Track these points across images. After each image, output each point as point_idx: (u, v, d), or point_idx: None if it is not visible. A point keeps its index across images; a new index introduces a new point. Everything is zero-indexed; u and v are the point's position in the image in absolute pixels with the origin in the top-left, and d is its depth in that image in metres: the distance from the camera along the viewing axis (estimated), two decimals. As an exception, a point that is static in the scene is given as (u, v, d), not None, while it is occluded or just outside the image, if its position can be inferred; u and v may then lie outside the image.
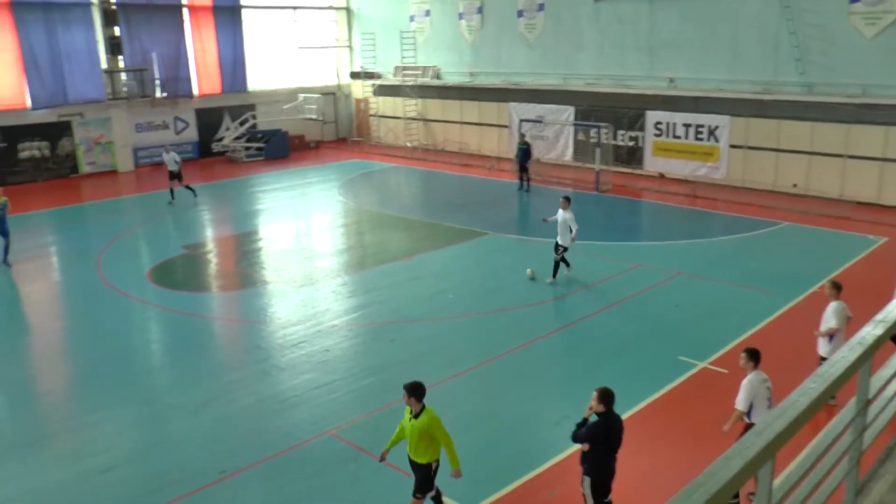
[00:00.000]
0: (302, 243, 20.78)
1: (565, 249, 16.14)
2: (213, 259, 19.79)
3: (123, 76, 31.93)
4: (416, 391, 7.86)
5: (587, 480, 7.76)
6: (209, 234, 22.72)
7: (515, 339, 13.70)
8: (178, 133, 33.88)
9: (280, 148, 34.60)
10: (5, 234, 18.84)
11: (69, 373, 13.37)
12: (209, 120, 34.67)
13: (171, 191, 25.44)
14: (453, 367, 12.50)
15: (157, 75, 32.75)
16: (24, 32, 28.86)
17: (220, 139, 34.71)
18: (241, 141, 34.16)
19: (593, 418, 7.66)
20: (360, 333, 14.19)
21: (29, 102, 29.45)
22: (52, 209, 25.87)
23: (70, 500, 9.26)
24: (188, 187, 25.59)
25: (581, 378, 12.04)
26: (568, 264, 16.48)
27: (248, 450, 10.15)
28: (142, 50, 32.07)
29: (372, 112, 38.59)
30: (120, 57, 31.75)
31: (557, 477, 9.36)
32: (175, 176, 25.15)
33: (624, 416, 7.87)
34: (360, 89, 39.13)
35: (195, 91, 33.98)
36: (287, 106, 35.35)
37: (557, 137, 30.37)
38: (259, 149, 34.13)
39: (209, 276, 18.52)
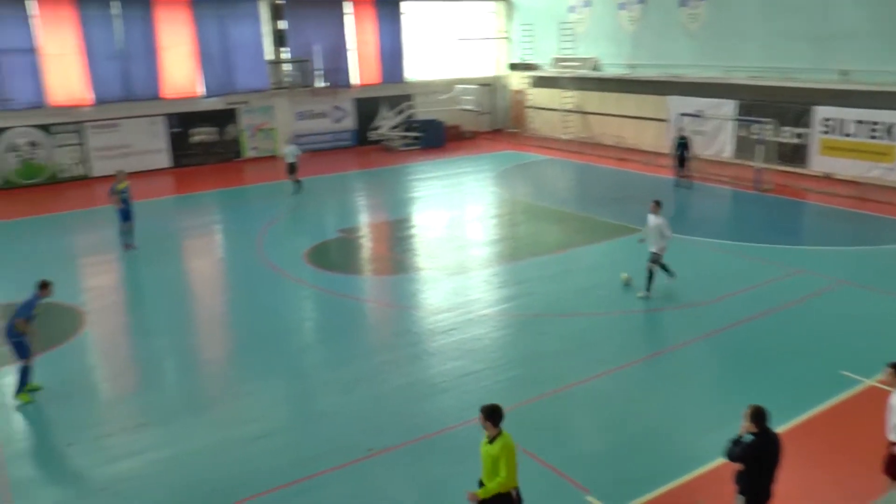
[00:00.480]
0: (455, 232, 20.81)
1: (658, 257, 14.85)
2: (367, 243, 20.17)
3: (287, 67, 33.24)
4: (492, 415, 7.10)
5: (741, 500, 7.19)
6: (364, 219, 23.22)
7: (665, 340, 13.09)
8: (336, 122, 34.92)
9: (436, 138, 34.94)
10: (129, 218, 19.53)
11: (230, 344, 13.98)
12: (367, 109, 35.52)
13: (295, 182, 25.83)
14: (601, 364, 12.04)
15: (318, 66, 33.90)
16: (201, 27, 30.75)
17: (377, 128, 35.49)
18: (398, 130, 34.77)
19: (748, 437, 7.05)
20: (510, 324, 13.96)
21: (201, 91, 31.35)
22: (218, 190, 27.29)
23: (227, 463, 9.59)
24: (297, 181, 25.81)
25: (732, 387, 11.30)
26: (669, 272, 15.12)
27: (395, 430, 10.17)
28: (305, 42, 33.29)
29: (528, 103, 38.28)
30: (284, 49, 33.07)
31: (704, 487, 8.78)
32: (292, 169, 25.62)
33: (778, 431, 7.20)
34: (518, 80, 38.92)
35: (354, 81, 34.89)
36: (444, 96, 35.67)
37: (717, 133, 28.92)
38: (415, 138, 34.62)
39: (363, 260, 18.87)
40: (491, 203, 24.08)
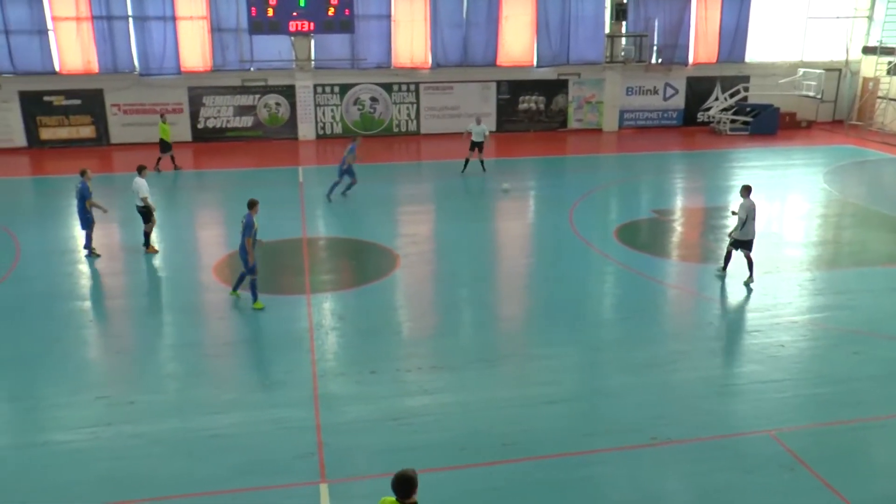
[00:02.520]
0: (772, 227, 19.53)
1: (739, 243, 14.92)
2: (679, 227, 19.68)
3: (623, 41, 33.01)
4: (401, 485, 5.76)
5: None
6: (680, 202, 22.63)
7: None
8: (665, 99, 34.10)
9: (767, 124, 32.72)
10: (351, 175, 21.22)
11: (528, 305, 14.56)
12: (699, 89, 34.19)
13: (466, 161, 24.83)
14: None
15: (655, 41, 33.24)
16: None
17: (707, 109, 34.09)
18: (728, 113, 33.11)
19: None
20: (821, 336, 12.89)
21: (535, 61, 32.31)
22: (538, 157, 28.19)
23: (511, 419, 10.10)
24: (482, 162, 24.89)
25: None
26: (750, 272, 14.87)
27: (681, 424, 10.00)
28: (645, 16, 32.76)
29: (881, 94, 34.27)
30: (623, 22, 32.81)
31: None
32: (476, 146, 24.61)
33: None
34: (871, 67, 34.92)
35: (690, 59, 33.73)
36: (783, 80, 33.16)
37: None
38: (745, 123, 32.74)
39: (673, 244, 18.48)
40: (817, 201, 22.14)
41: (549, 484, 8.78)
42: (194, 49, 30.01)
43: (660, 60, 33.49)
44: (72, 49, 29.28)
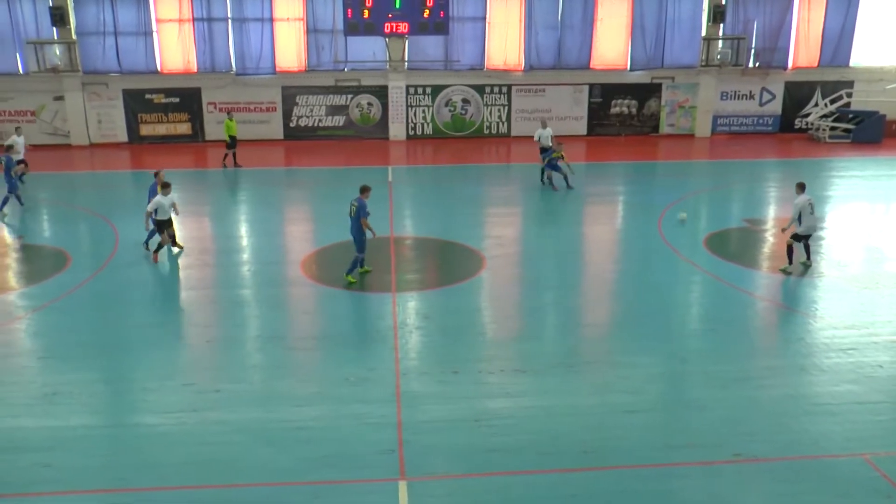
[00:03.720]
0: (874, 241, 18.67)
1: (800, 237, 15.66)
2: (771, 238, 19.02)
3: (720, 44, 32.14)
4: None
5: None
6: (773, 211, 21.86)
7: None
8: (761, 105, 33.06)
9: (872, 132, 31.27)
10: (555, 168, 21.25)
11: (614, 311, 14.38)
12: (798, 94, 33.01)
13: (543, 170, 23.84)
14: None
15: (753, 44, 32.26)
16: (639, 1, 31.04)
17: (806, 115, 32.89)
18: (829, 120, 31.85)
19: None
20: (925, 357, 12.26)
21: (628, 64, 31.87)
22: (630, 162, 27.78)
23: (594, 427, 9.98)
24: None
25: None
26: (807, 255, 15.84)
27: (767, 441, 9.65)
28: (744, 18, 31.85)
29: None
30: (720, 25, 31.95)
31: None
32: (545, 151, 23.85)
33: None
34: None
35: (789, 63, 32.59)
36: (891, 86, 31.71)
37: None
38: (846, 130, 31.42)
39: (763, 255, 17.88)
40: (926, 215, 21.08)
41: (627, 494, 8.63)
42: (290, 49, 30.83)
43: (757, 64, 32.49)
44: (173, 49, 30.58)
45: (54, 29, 30.04)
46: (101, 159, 28.10)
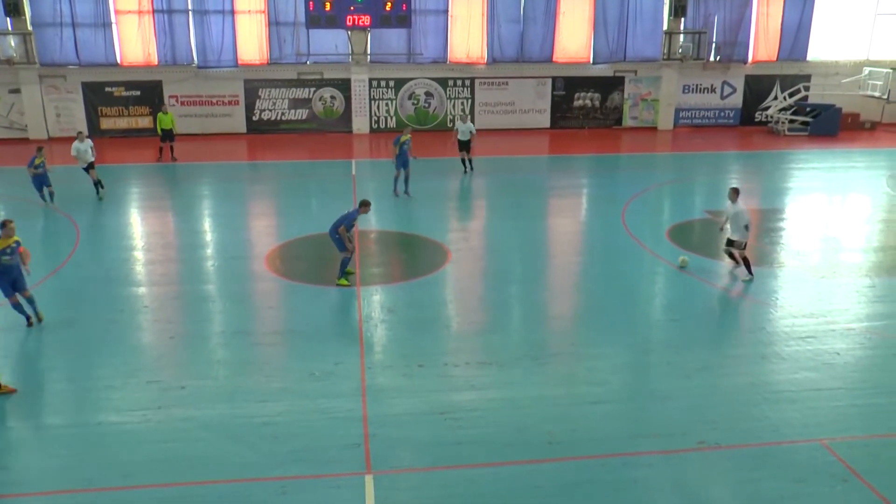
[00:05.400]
0: (831, 231, 19.06)
1: (735, 244, 15.11)
2: (732, 229, 19.33)
3: (681, 38, 32.52)
4: None
5: None
6: (733, 203, 22.19)
7: None
8: (723, 98, 33.55)
9: (828, 125, 31.90)
10: (406, 167, 21.04)
11: (578, 303, 14.50)
12: (757, 87, 33.58)
13: (463, 161, 24.59)
14: None
15: (714, 38, 32.68)
16: (602, -7, 31.28)
17: (766, 109, 33.43)
18: (787, 113, 32.40)
19: None
20: (879, 346, 12.52)
21: (591, 57, 32.05)
22: (592, 155, 27.99)
23: (560, 418, 10.05)
24: (469, 161, 24.48)
25: None
26: (748, 268, 15.12)
27: (730, 429, 9.83)
28: (705, 12, 32.26)
29: (951, 96, 33.13)
30: (682, 19, 32.31)
31: None
32: (463, 145, 24.26)
33: None
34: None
35: (749, 57, 33.08)
36: (846, 80, 32.35)
37: None
38: (804, 123, 32.01)
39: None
40: (880, 206, 21.52)
41: (593, 484, 8.73)
42: (251, 42, 30.53)
43: (718, 58, 32.93)
44: (133, 42, 30.09)
45: (8, 19, 29.34)
46: (59, 153, 27.53)
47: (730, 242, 15.43)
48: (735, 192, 15.34)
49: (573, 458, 9.20)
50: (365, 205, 14.58)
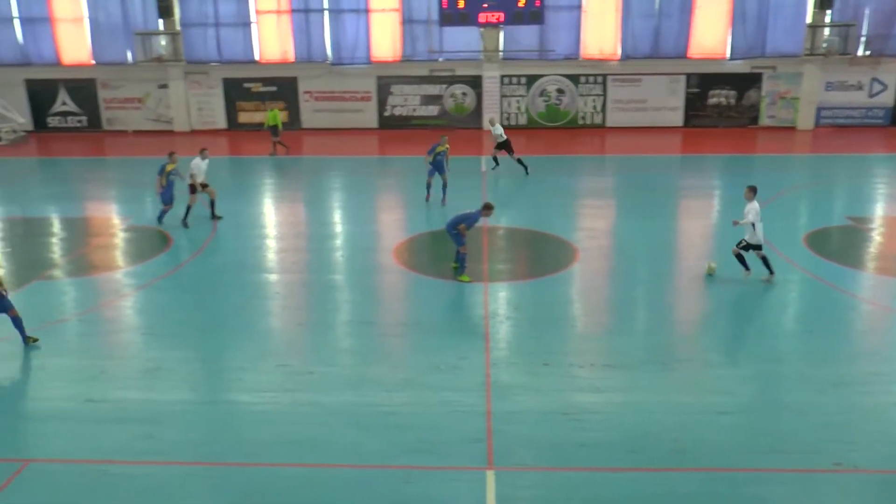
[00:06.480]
0: None
1: (750, 246, 14.37)
2: (878, 237, 18.18)
3: (826, 31, 30.78)
4: None
5: None
6: (881, 209, 20.85)
7: None
8: (871, 96, 31.48)
9: None
10: (442, 172, 20.43)
11: (707, 309, 13.95)
12: (912, 85, 31.38)
13: (495, 158, 24.30)
14: None
15: (863, 31, 30.76)
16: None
17: (921, 108, 31.24)
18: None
19: None
20: None
21: (728, 53, 30.86)
22: (726, 155, 27.04)
23: (685, 425, 9.77)
24: (519, 160, 23.64)
25: None
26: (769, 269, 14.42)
27: (872, 451, 9.22)
28: (855, 3, 30.34)
29: None
30: (828, 11, 30.59)
31: None
32: (502, 146, 23.73)
33: None
34: None
35: (903, 51, 30.97)
36: None
37: None
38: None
39: (869, 255, 17.12)
40: None
41: (716, 497, 8.46)
42: (385, 40, 31.22)
43: (868, 52, 30.94)
44: (271, 40, 31.42)
45: (160, 20, 31.32)
46: (201, 145, 29.04)
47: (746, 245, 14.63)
48: (751, 190, 14.49)
49: (697, 468, 8.93)
50: (488, 208, 14.58)
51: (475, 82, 31.64)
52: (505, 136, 23.88)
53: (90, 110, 32.91)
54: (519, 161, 23.63)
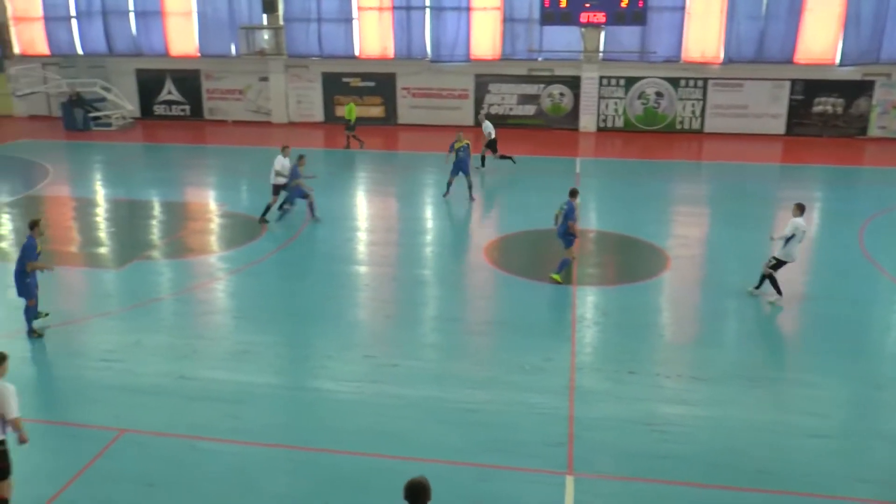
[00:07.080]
0: None
1: (780, 264, 13.73)
2: None
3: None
4: (413, 495, 5.67)
5: None
6: None
7: None
8: None
9: None
10: (466, 174, 20.19)
11: (801, 326, 13.54)
12: None
13: (482, 157, 24.61)
14: None
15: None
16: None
17: None
18: None
19: None
20: None
21: (837, 58, 29.58)
22: (832, 166, 25.99)
23: (778, 446, 9.47)
24: (504, 156, 24.31)
25: None
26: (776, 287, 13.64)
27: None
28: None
29: None
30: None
31: None
32: (490, 145, 24.32)
33: None
34: None
35: None
36: None
37: None
38: None
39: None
40: None
41: (805, 521, 8.20)
42: (485, 38, 31.37)
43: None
44: (372, 36, 31.98)
45: (264, 15, 32.32)
46: (298, 137, 29.81)
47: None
48: (798, 208, 13.97)
49: (781, 492, 8.63)
50: (574, 194, 14.63)
51: (573, 83, 31.38)
52: (493, 136, 24.19)
53: (193, 100, 34.35)
54: (503, 157, 24.37)
